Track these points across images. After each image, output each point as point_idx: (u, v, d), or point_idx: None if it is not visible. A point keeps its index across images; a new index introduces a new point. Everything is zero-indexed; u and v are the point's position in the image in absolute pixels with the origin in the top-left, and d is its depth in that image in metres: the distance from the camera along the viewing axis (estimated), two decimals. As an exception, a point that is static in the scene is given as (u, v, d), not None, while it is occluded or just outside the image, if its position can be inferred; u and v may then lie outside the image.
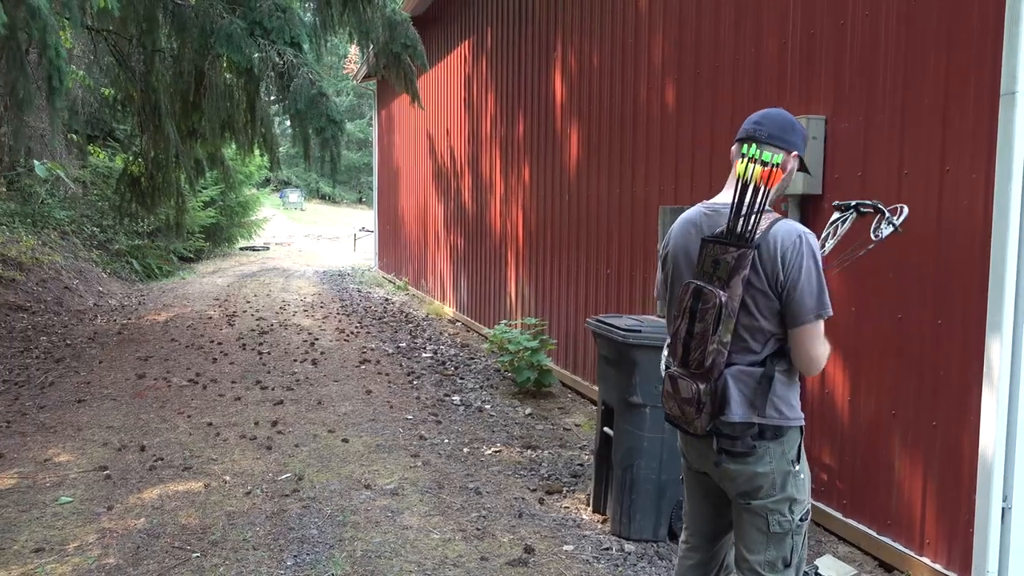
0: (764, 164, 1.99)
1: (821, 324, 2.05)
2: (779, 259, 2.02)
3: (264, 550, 3.52)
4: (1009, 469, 2.93)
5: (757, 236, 2.01)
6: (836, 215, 2.75)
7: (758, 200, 1.99)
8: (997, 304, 2.91)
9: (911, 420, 3.34)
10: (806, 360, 2.07)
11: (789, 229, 2.05)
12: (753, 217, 2.00)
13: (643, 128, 5.44)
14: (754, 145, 2.07)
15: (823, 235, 2.71)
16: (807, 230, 2.08)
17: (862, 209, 2.69)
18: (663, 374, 2.26)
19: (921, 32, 3.29)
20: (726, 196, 2.18)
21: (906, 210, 2.64)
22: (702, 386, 2.06)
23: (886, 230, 2.59)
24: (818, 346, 2.05)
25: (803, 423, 2.15)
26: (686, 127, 4.90)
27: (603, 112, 6.02)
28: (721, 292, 2.00)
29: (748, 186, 1.99)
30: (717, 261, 2.03)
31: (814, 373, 2.11)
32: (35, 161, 8.59)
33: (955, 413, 3.13)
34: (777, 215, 2.11)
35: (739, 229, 2.01)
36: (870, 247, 2.70)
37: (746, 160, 2.01)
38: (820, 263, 2.05)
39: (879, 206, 2.64)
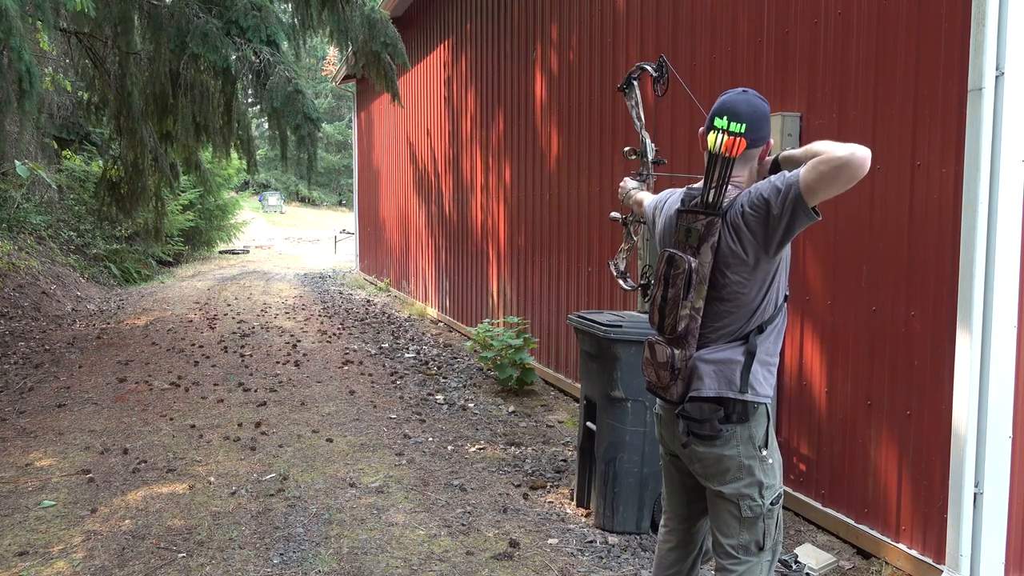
0: (730, 134, 2.06)
1: (804, 178, 1.94)
2: (762, 206, 2.03)
3: (250, 549, 3.53)
4: (980, 455, 3.00)
5: (725, 204, 2.10)
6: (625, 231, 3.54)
7: (726, 170, 2.08)
8: (967, 296, 2.98)
9: (886, 410, 3.41)
10: (844, 159, 1.88)
11: (755, 186, 2.10)
12: (717, 187, 2.09)
13: (622, 126, 5.49)
14: (726, 117, 2.09)
15: (624, 247, 3.53)
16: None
17: (629, 219, 3.41)
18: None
19: (892, 30, 3.36)
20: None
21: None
22: (677, 352, 2.16)
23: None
24: (830, 159, 1.88)
25: (770, 401, 2.21)
26: (664, 125, 4.96)
27: (583, 110, 6.07)
28: (692, 259, 2.11)
29: (716, 157, 2.08)
30: (689, 230, 2.16)
31: (857, 153, 1.87)
32: (16, 162, 8.49)
33: (928, 402, 3.21)
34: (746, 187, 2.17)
35: (710, 199, 2.11)
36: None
37: (716, 133, 2.08)
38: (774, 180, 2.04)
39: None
